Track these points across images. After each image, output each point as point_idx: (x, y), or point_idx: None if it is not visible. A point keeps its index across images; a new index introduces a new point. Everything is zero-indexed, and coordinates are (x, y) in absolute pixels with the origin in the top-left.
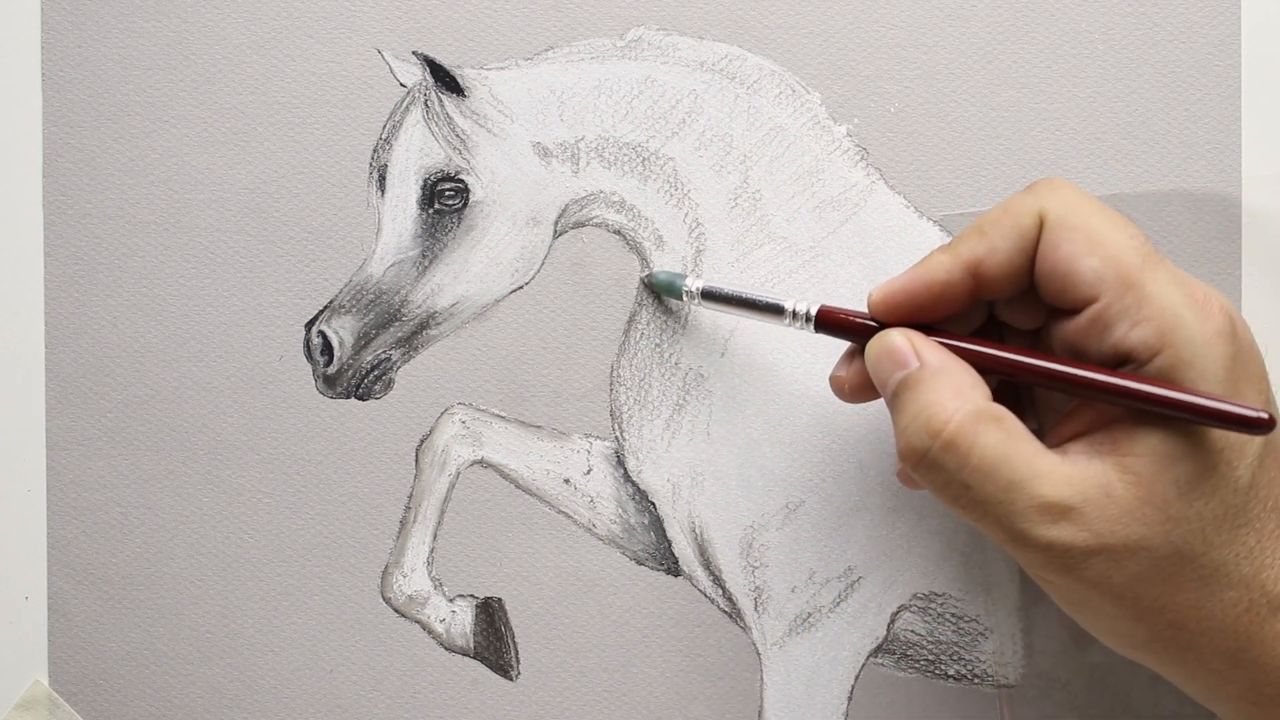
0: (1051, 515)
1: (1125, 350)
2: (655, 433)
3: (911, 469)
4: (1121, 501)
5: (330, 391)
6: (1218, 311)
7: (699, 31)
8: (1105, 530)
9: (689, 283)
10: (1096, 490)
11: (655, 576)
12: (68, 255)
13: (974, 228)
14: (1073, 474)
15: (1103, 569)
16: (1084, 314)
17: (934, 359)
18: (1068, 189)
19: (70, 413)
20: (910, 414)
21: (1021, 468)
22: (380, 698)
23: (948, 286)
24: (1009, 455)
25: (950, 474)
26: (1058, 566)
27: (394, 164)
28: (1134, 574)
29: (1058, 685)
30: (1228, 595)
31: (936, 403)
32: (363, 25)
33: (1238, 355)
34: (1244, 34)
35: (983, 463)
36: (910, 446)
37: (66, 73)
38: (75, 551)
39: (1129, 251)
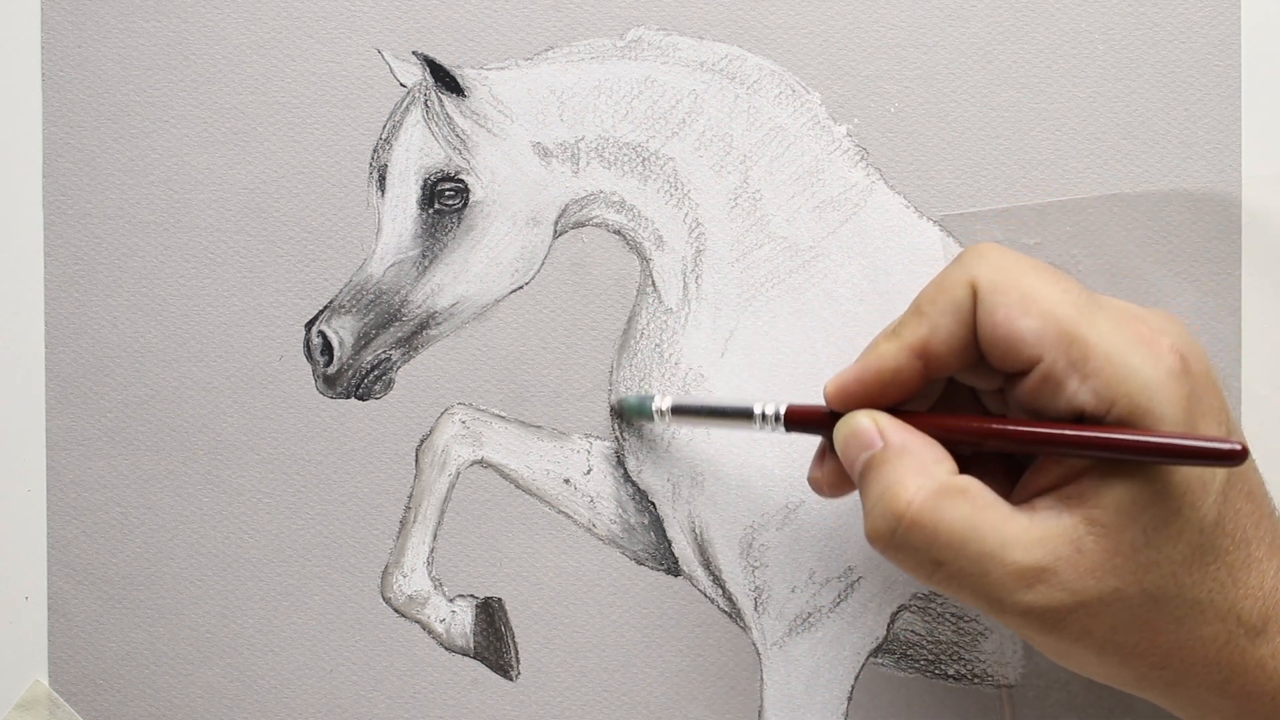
0: (1026, 580)
1: (1079, 405)
2: (655, 433)
3: (881, 552)
4: (1092, 555)
5: (330, 391)
6: (1167, 350)
7: (699, 31)
8: (1079, 587)
9: (657, 402)
10: (1067, 547)
11: (655, 576)
12: (68, 255)
13: (912, 309)
14: (1043, 534)
15: (1082, 624)
16: (1033, 375)
17: (896, 438)
18: (995, 253)
19: (70, 413)
20: (874, 496)
21: (990, 537)
22: (380, 698)
23: (897, 373)
24: (977, 526)
25: (920, 552)
26: (1038, 627)
27: (394, 164)
28: (1111, 625)
29: (1058, 685)
30: (1205, 631)
31: (898, 482)
32: (363, 25)
33: (1192, 393)
34: (1244, 34)
35: (951, 538)
36: (876, 529)
37: (66, 73)
38: (75, 551)
39: (1065, 305)
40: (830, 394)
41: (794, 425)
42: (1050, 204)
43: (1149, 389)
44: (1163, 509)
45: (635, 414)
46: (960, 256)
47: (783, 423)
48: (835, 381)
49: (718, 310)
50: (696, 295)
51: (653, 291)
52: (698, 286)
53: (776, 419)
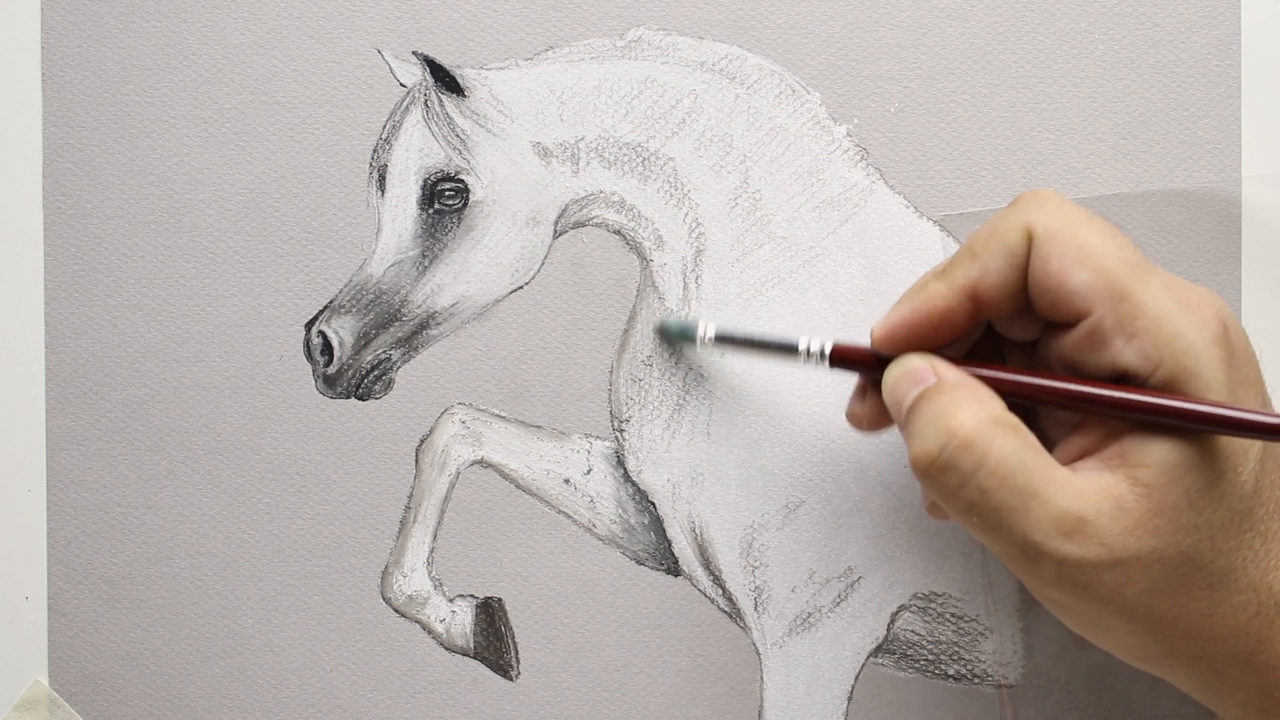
0: (1065, 528)
1: (1124, 364)
2: (655, 433)
3: (923, 475)
4: (1133, 513)
5: (330, 391)
6: (1212, 317)
7: (699, 31)
8: (1118, 543)
9: (702, 327)
10: (1109, 503)
11: (655, 576)
12: (68, 255)
13: (965, 251)
14: (1085, 487)
15: (1115, 583)
16: (1079, 328)
17: (952, 375)
18: (1053, 201)
19: (70, 413)
20: (925, 420)
21: (1038, 475)
22: (380, 698)
23: (947, 314)
24: (1025, 462)
25: (965, 476)
26: (1070, 584)
27: (394, 164)
28: (1145, 587)
29: (1058, 685)
30: (1236, 600)
31: (953, 405)
32: (363, 25)
33: (1233, 359)
34: (1244, 34)
35: (999, 465)
36: (925, 449)
37: (66, 73)
38: (75, 551)
39: (1119, 262)
40: (878, 336)
41: (839, 363)
42: None
43: (1195, 352)
44: (1206, 472)
45: (679, 337)
46: (1017, 201)
47: (827, 359)
48: (883, 325)
49: (718, 310)
50: (696, 295)
51: (653, 291)
52: (698, 286)
53: (821, 355)
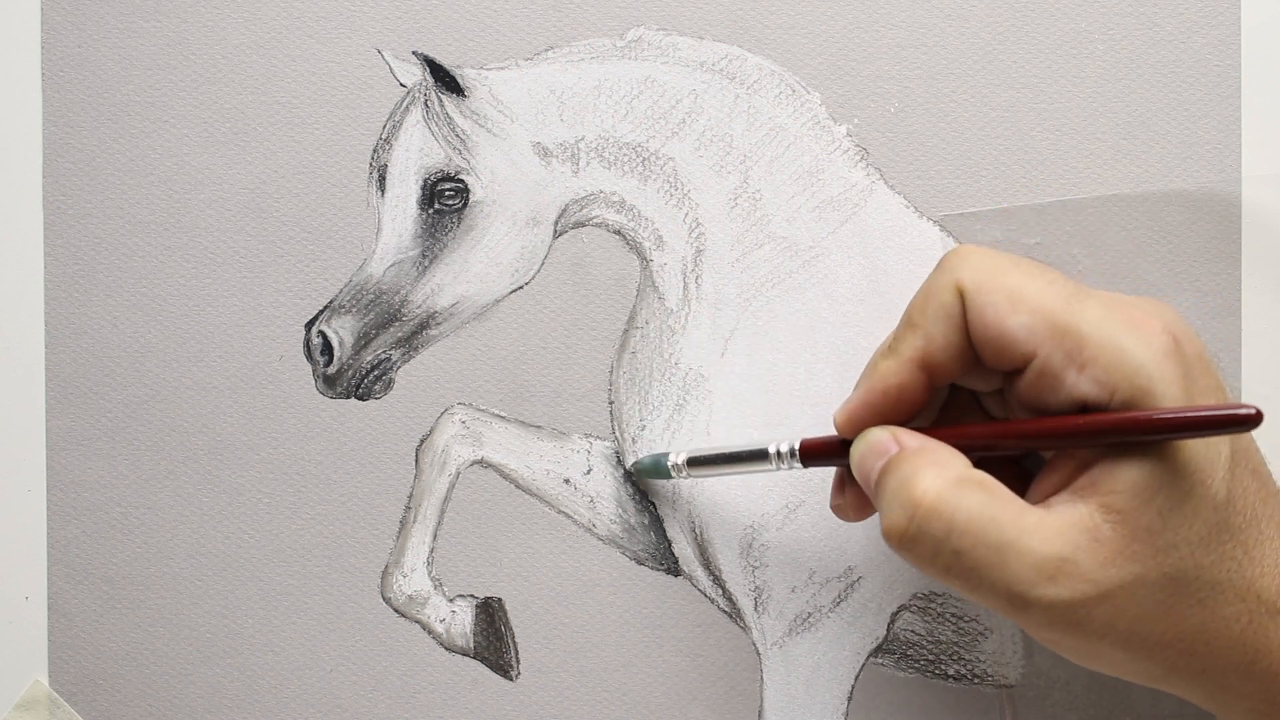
0: (1047, 572)
1: (1081, 395)
2: (655, 433)
3: (897, 548)
4: (1110, 542)
5: (330, 391)
6: (1159, 332)
7: (699, 31)
8: (1100, 576)
9: (673, 457)
10: (1085, 536)
11: (655, 576)
12: (68, 255)
13: (905, 323)
14: (1061, 525)
15: (1106, 617)
16: (1029, 370)
17: (912, 441)
18: (976, 254)
19: (70, 413)
20: (891, 492)
21: (1009, 528)
22: (380, 698)
23: (903, 388)
24: (995, 516)
25: (937, 542)
26: (1062, 625)
27: (394, 164)
28: (1136, 614)
29: (1058, 685)
30: (1228, 611)
31: (915, 474)
32: (363, 25)
33: (1188, 372)
34: (1244, 34)
35: (970, 525)
36: (892, 523)
37: (66, 73)
38: (75, 551)
39: (1052, 298)
40: (840, 423)
41: (810, 459)
42: (1050, 204)
43: (1147, 370)
44: (1176, 489)
45: (651, 474)
46: (941, 262)
47: (798, 458)
48: (843, 411)
49: (718, 310)
50: (696, 295)
51: (653, 291)
52: (698, 286)
53: (792, 455)
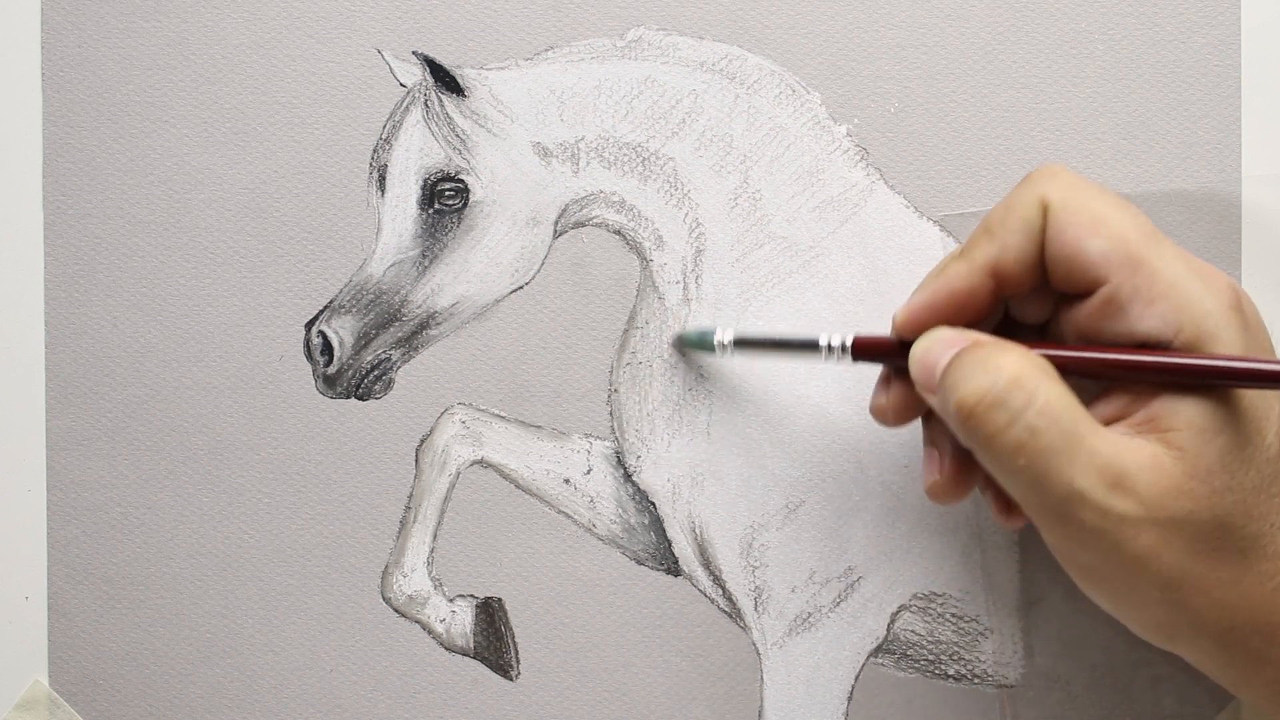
0: (1110, 478)
1: (1144, 330)
2: (655, 433)
3: (968, 416)
4: (1171, 475)
5: (330, 391)
6: (1225, 285)
7: (699, 31)
8: (1157, 504)
9: (720, 334)
10: (1149, 461)
11: (655, 576)
12: (68, 255)
13: (982, 230)
14: (1126, 442)
15: (1151, 545)
16: (1096, 297)
17: (986, 336)
18: (1065, 175)
19: (70, 413)
20: (970, 366)
21: (1083, 422)
22: (380, 698)
23: (969, 294)
24: (1070, 406)
25: (1015, 414)
26: (1107, 542)
27: (394, 164)
28: (1180, 550)
29: (1058, 684)
30: (1264, 568)
31: (1000, 353)
32: (363, 25)
33: (1248, 327)
34: (1244, 34)
35: (1049, 406)
36: (973, 388)
37: (66, 73)
38: (75, 551)
39: (1133, 230)
40: (901, 322)
41: (862, 355)
42: None
43: (1214, 316)
44: (1236, 435)
45: (696, 347)
46: (1029, 177)
47: (849, 353)
48: (905, 309)
49: (718, 310)
50: (696, 295)
51: (653, 291)
52: (698, 286)
53: (844, 349)
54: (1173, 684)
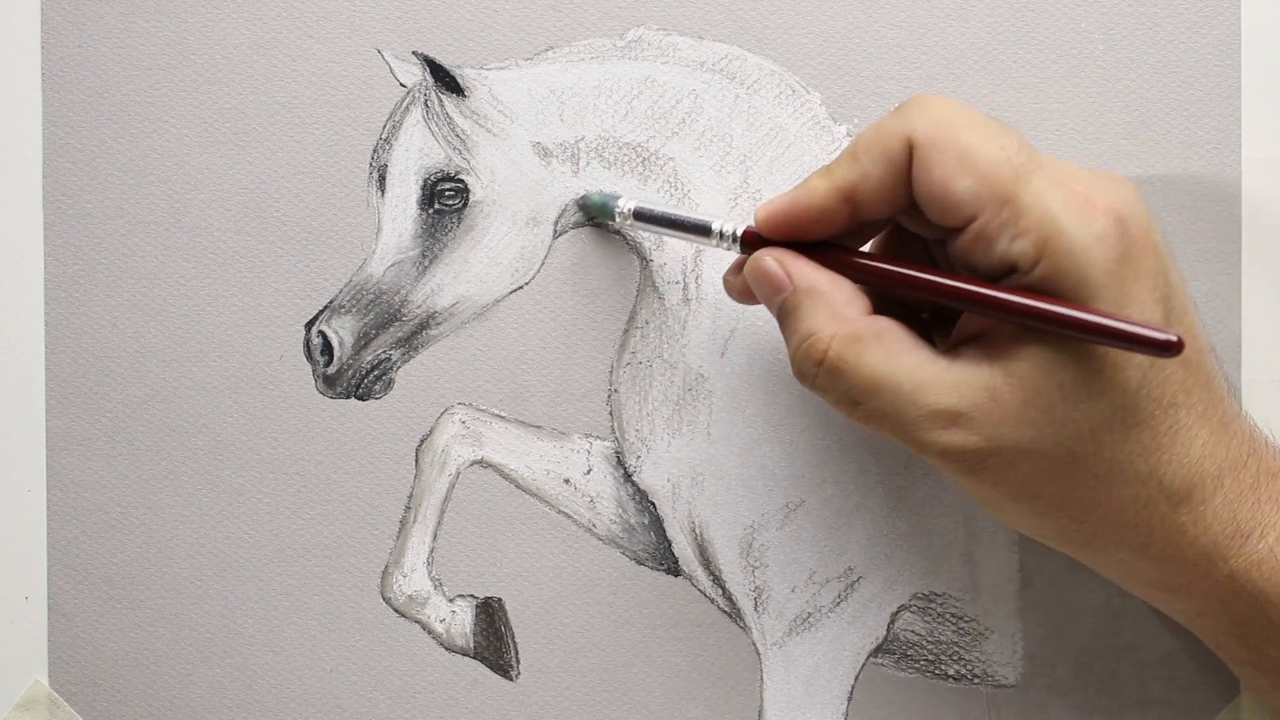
0: (942, 421)
1: (1009, 262)
2: (655, 433)
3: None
4: (1007, 406)
5: (330, 391)
6: (1101, 212)
7: (699, 31)
8: (994, 434)
9: (621, 204)
10: (983, 395)
11: (655, 576)
12: (68, 255)
13: (848, 151)
14: (959, 380)
15: (999, 469)
16: (966, 231)
17: (804, 281)
18: (937, 105)
19: (70, 413)
20: (795, 342)
21: (905, 381)
22: (380, 698)
23: (823, 211)
24: (892, 371)
25: (839, 394)
26: (956, 469)
27: (394, 164)
28: (1028, 474)
29: (1043, 671)
30: (1125, 492)
31: (813, 329)
32: (363, 25)
33: (1125, 255)
34: (1244, 34)
35: (864, 381)
36: (799, 372)
37: (66, 73)
38: (75, 551)
39: (1002, 166)
40: (760, 219)
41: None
42: None
43: (1073, 252)
44: (1082, 369)
45: (598, 212)
46: (902, 106)
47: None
48: (765, 209)
49: (718, 310)
50: (696, 295)
51: (653, 291)
52: (698, 286)
53: (734, 239)
54: (1160, 670)
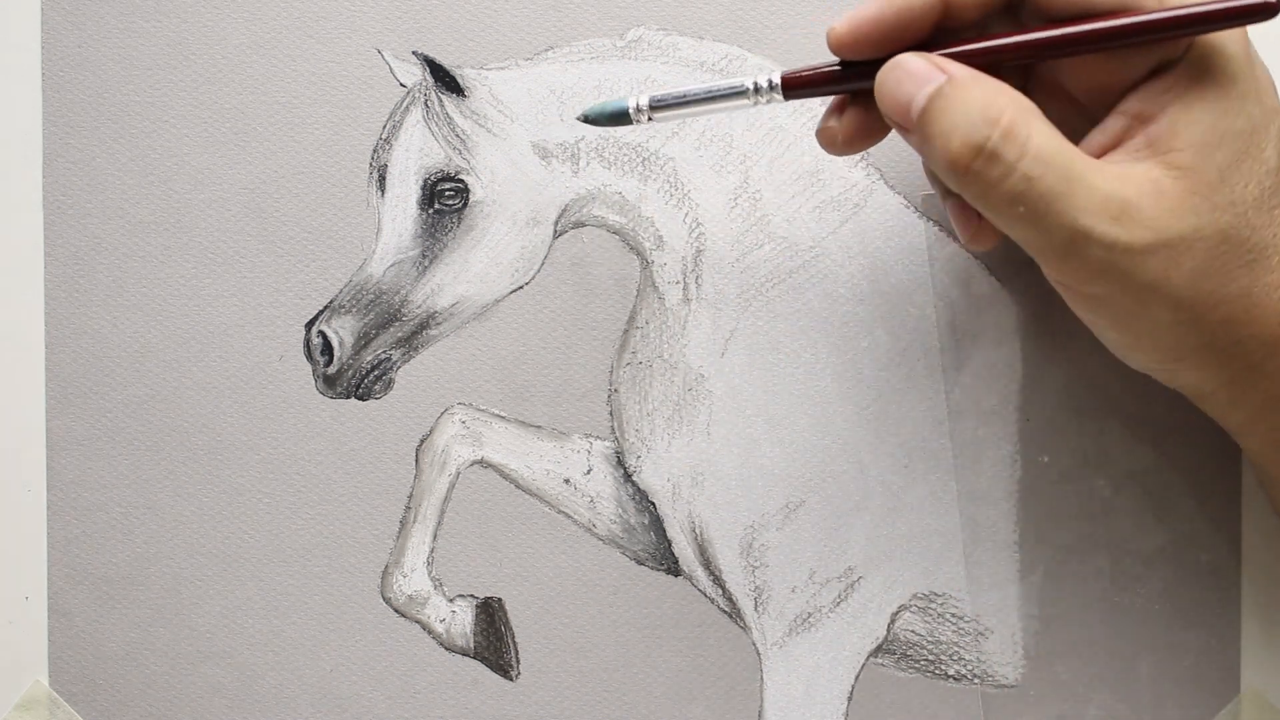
0: (1112, 211)
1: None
2: (655, 433)
3: (964, 170)
4: (1172, 194)
5: (330, 391)
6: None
7: (699, 31)
8: (1162, 224)
9: (634, 100)
10: (1149, 186)
11: (655, 576)
12: (68, 255)
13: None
14: (1122, 172)
15: (1161, 267)
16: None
17: (959, 70)
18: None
19: (70, 413)
20: (959, 114)
21: (1078, 160)
22: (380, 698)
23: (916, 15)
24: (1063, 148)
25: (1010, 165)
26: (1117, 271)
27: (394, 164)
28: (1190, 269)
29: (1043, 670)
30: (1270, 279)
31: (989, 99)
32: (363, 25)
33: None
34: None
35: (1042, 151)
36: (966, 141)
37: (66, 73)
38: (75, 551)
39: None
40: (841, 36)
41: (794, 91)
42: None
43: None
44: (1234, 148)
45: (611, 123)
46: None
47: (779, 90)
48: (847, 23)
49: (718, 310)
50: (696, 295)
51: (653, 291)
52: (698, 286)
53: (771, 88)
54: (1159, 669)
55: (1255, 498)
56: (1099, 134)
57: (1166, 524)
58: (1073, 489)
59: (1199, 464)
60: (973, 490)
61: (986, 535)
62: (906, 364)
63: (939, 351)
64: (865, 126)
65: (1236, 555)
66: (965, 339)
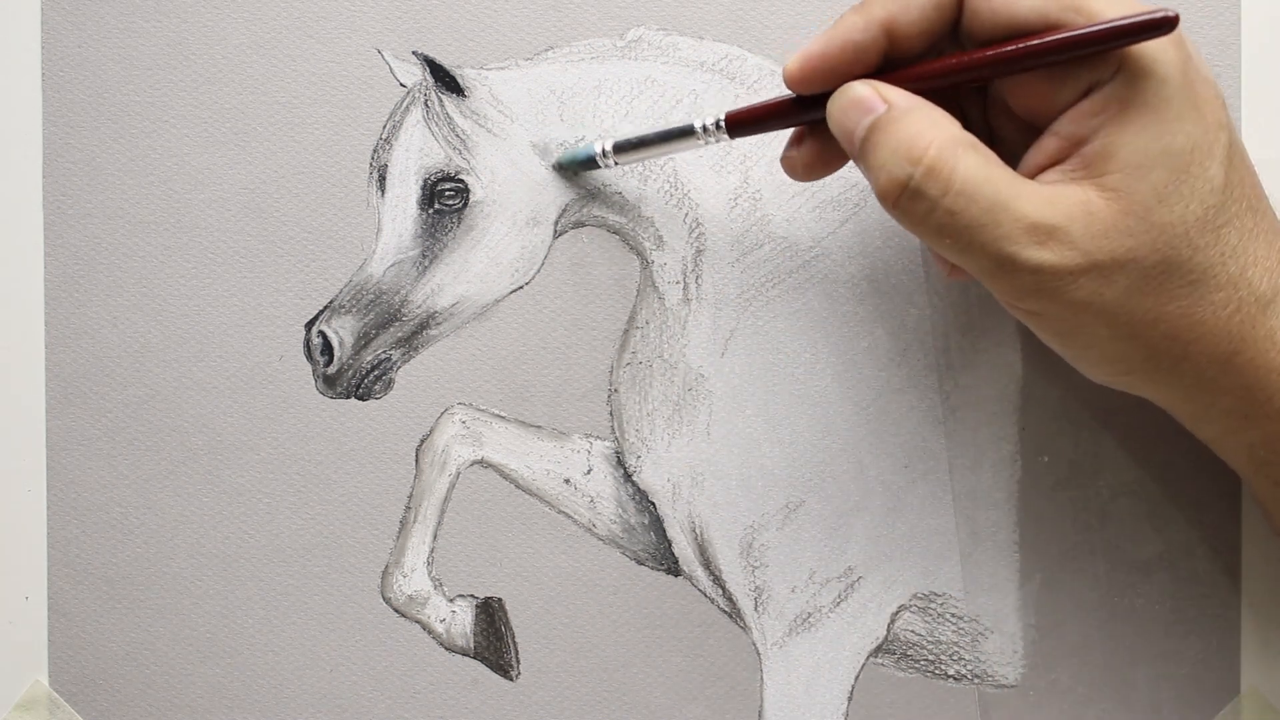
0: (1038, 236)
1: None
2: (655, 433)
3: (892, 206)
4: (1104, 217)
5: (330, 391)
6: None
7: (699, 31)
8: (1092, 247)
9: (598, 146)
10: (1079, 209)
11: (655, 576)
12: (68, 255)
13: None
14: (1053, 195)
15: (1093, 288)
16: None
17: (900, 99)
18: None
19: (70, 413)
20: (888, 149)
21: (1004, 189)
22: (380, 698)
23: (861, 47)
24: (990, 178)
25: (934, 201)
26: (1047, 291)
27: (394, 164)
28: (1124, 288)
29: (1043, 670)
30: (1216, 297)
31: (914, 133)
32: (363, 25)
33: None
34: (1244, 34)
35: (965, 185)
36: (891, 179)
37: (66, 73)
38: (75, 551)
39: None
40: (793, 73)
41: (739, 130)
42: None
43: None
44: (1171, 168)
45: (581, 167)
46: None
47: (725, 130)
48: (798, 59)
49: (718, 310)
50: (696, 295)
51: (653, 291)
52: (698, 286)
53: (718, 127)
54: (1159, 670)
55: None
56: (1035, 153)
57: (1164, 532)
58: (1069, 496)
59: (1197, 469)
60: (972, 491)
61: (986, 536)
62: (906, 364)
63: (939, 352)
64: (823, 156)
65: (1235, 561)
66: (965, 340)
